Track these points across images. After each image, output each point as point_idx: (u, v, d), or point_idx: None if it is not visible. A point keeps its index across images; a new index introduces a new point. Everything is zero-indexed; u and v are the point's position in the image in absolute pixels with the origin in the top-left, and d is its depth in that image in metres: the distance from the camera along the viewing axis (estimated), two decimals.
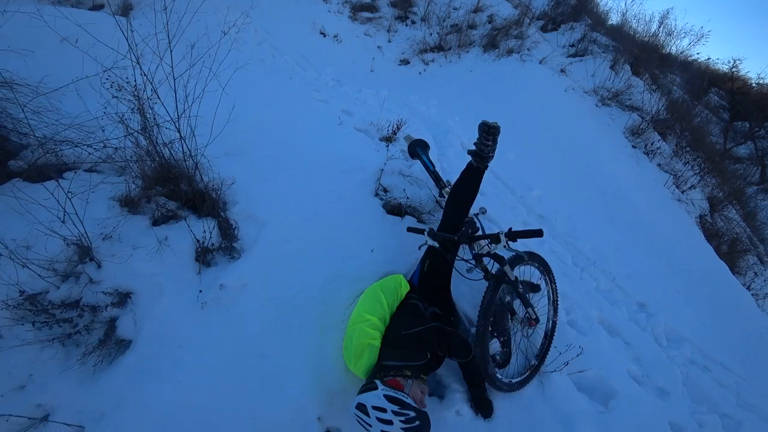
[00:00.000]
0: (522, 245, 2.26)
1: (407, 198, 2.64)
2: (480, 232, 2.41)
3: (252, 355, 1.91)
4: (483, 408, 1.98)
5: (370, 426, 1.55)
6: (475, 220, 2.47)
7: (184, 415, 1.69)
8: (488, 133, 2.19)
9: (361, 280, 2.08)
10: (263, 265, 2.22)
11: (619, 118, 5.70)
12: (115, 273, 1.97)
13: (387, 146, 3.37)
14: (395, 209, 2.65)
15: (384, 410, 1.55)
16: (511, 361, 2.15)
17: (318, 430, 1.76)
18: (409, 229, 2.32)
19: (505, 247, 2.01)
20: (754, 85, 10.67)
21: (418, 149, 3.01)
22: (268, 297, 2.11)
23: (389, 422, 1.53)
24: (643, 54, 7.09)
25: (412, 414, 1.55)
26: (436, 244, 2.14)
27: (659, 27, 8.23)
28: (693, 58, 9.19)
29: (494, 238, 2.03)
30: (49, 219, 1.86)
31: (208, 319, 1.98)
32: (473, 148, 2.28)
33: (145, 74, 2.00)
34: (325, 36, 6.96)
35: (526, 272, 2.36)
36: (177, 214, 2.37)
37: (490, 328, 1.99)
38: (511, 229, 2.01)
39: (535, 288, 2.42)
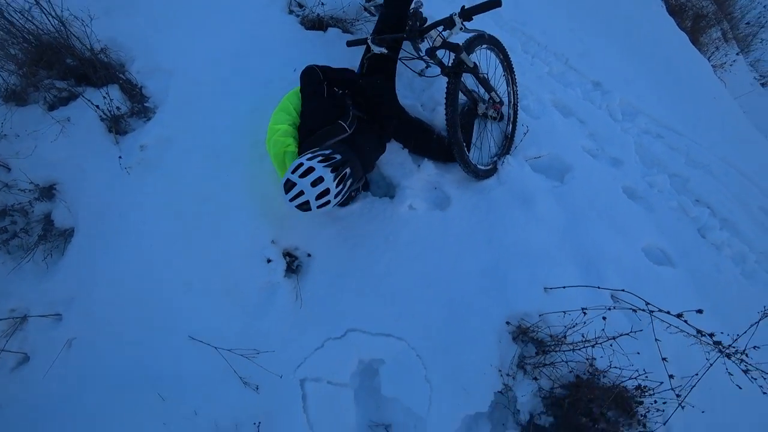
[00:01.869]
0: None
1: (322, 4, 2.25)
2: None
3: (194, 202, 1.88)
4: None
5: (304, 193, 1.42)
6: (421, 11, 2.15)
7: (145, 274, 1.74)
8: None
9: None
10: (180, 114, 2.09)
11: None
12: (28, 169, 1.90)
13: None
14: (315, 24, 2.28)
15: (300, 165, 1.44)
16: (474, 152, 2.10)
17: (275, 253, 1.79)
18: (349, 43, 2.01)
19: (461, 29, 1.75)
20: None
21: None
22: (194, 143, 2.01)
23: (310, 170, 1.42)
24: None
25: (328, 152, 1.47)
26: (384, 50, 1.85)
27: None
28: None
29: (447, 23, 1.73)
30: None
31: (138, 181, 1.94)
32: None
33: None
34: None
35: (482, 57, 2.14)
36: (73, 92, 2.19)
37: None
38: (464, 7, 1.69)
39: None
